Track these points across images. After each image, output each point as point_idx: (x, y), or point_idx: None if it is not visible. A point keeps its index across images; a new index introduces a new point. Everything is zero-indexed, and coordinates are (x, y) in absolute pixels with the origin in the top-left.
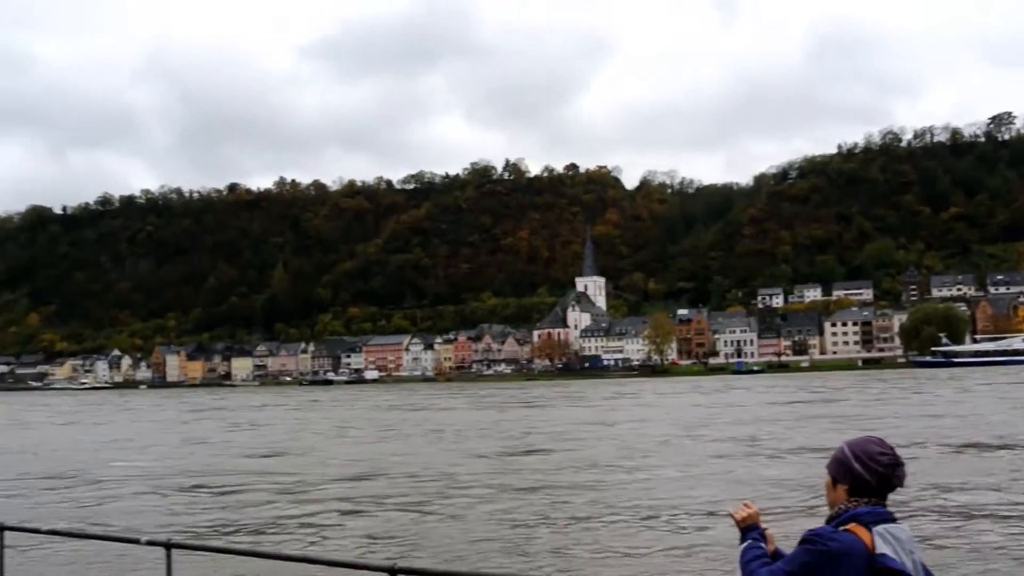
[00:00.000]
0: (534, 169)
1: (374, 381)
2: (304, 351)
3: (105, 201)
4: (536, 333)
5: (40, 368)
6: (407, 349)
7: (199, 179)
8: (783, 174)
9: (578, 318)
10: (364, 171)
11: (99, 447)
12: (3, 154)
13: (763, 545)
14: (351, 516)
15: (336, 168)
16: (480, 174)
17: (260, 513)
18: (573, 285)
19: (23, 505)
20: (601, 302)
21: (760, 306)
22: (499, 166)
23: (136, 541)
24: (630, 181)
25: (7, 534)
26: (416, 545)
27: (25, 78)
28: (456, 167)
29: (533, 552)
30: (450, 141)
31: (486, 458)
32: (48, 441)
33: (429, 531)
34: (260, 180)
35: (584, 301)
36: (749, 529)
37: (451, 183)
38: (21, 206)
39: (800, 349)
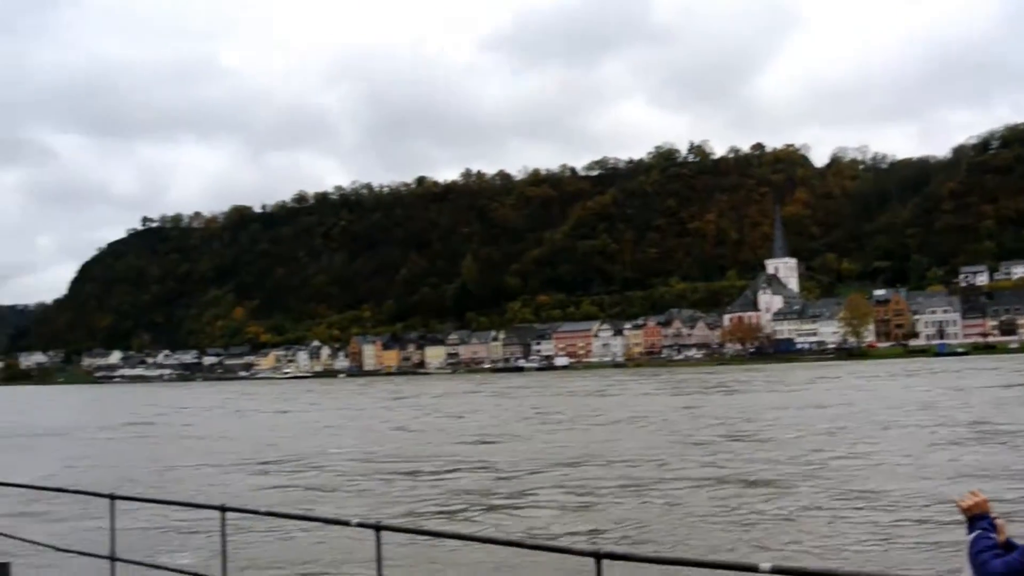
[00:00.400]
0: (719, 150)
1: (564, 368)
2: (495, 339)
3: (301, 199)
4: (726, 317)
5: (246, 359)
6: (596, 335)
7: (388, 174)
8: (984, 144)
9: (769, 301)
10: (548, 159)
11: (312, 433)
12: (209, 159)
13: (993, 535)
14: (560, 502)
15: (520, 158)
16: (664, 158)
17: (469, 498)
18: (763, 267)
19: (244, 487)
20: (793, 284)
21: (963, 284)
22: (683, 149)
23: (347, 523)
24: (819, 158)
25: (228, 514)
26: (625, 531)
27: (224, 87)
28: (639, 152)
29: (752, 539)
30: (632, 126)
31: (696, 444)
32: (265, 427)
33: (639, 517)
34: (447, 173)
35: (775, 283)
36: (977, 518)
37: (635, 168)
38: (225, 207)
39: (1008, 329)
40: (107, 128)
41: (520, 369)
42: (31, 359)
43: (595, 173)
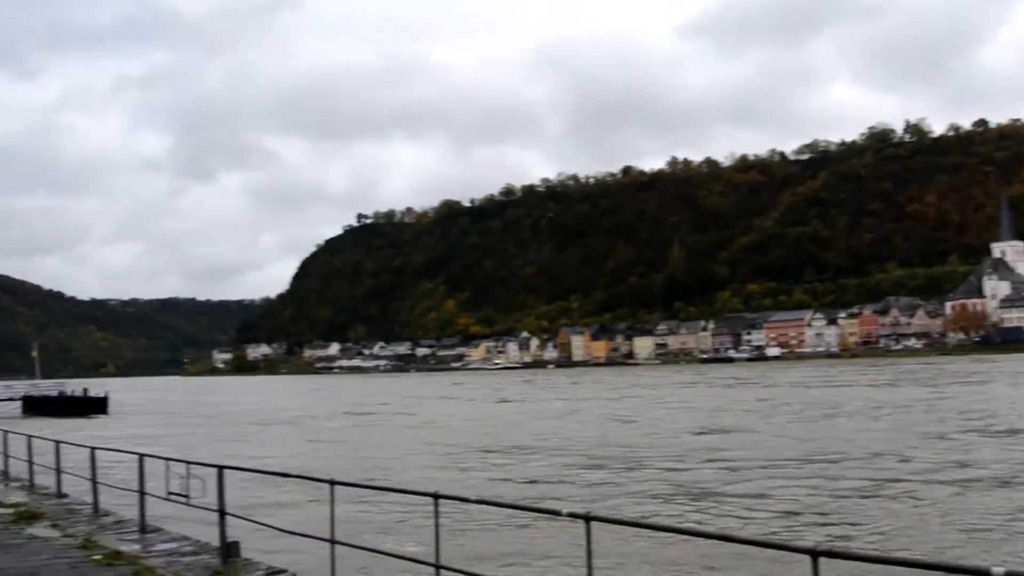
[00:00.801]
0: (937, 128)
1: (776, 358)
2: (704, 329)
3: (508, 192)
4: (948, 304)
5: (458, 350)
6: (809, 324)
7: (594, 164)
8: None
9: (996, 287)
10: (755, 144)
11: (531, 422)
12: (419, 156)
13: None
14: (784, 497)
15: (727, 144)
16: (878, 138)
17: (688, 490)
18: (988, 252)
19: (461, 476)
20: (1022, 269)
21: None
22: (898, 128)
23: (557, 513)
24: None
25: (442, 502)
26: (846, 530)
27: (433, 86)
28: (851, 133)
29: (989, 542)
30: (842, 107)
31: (941, 439)
32: (483, 416)
33: (869, 516)
34: (652, 161)
35: (1002, 268)
36: None
37: (847, 150)
38: (435, 202)
39: None
40: (324, 131)
41: (730, 360)
42: (257, 351)
43: (805, 157)
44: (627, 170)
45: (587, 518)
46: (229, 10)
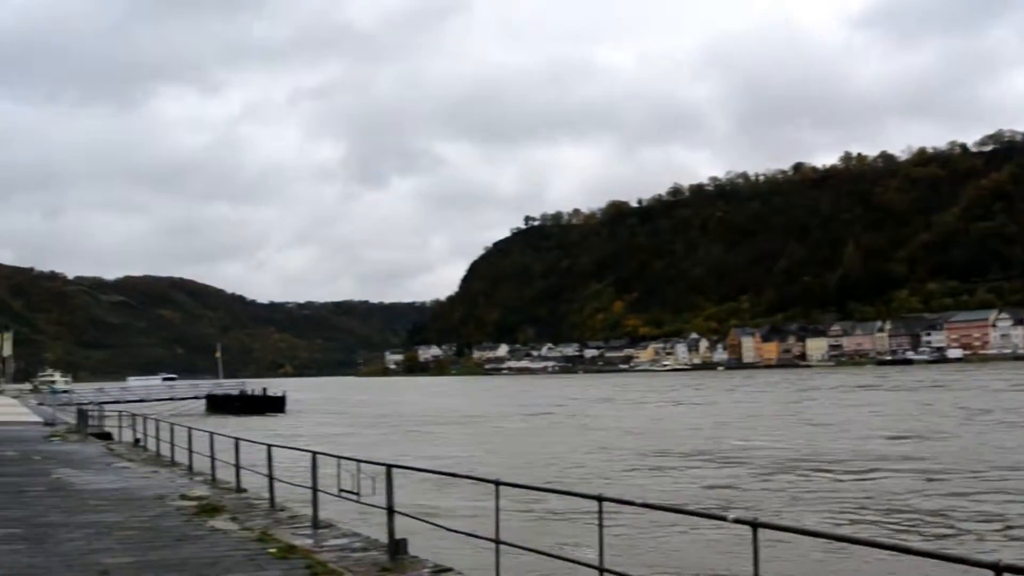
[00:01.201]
0: None
1: (958, 360)
2: (880, 329)
3: (676, 191)
4: None
5: (625, 351)
6: (994, 325)
7: (763, 161)
8: None
9: None
10: (933, 137)
11: (706, 425)
12: (585, 157)
13: None
14: (975, 508)
15: (902, 137)
16: None
17: (876, 499)
18: None
19: (628, 478)
20: None
21: None
22: None
23: (723, 518)
24: None
25: (606, 505)
26: None
27: (598, 87)
28: None
29: None
30: None
31: None
32: (657, 419)
33: None
34: (825, 157)
35: None
36: None
37: None
38: (602, 203)
39: None
40: (492, 134)
41: (909, 361)
42: (428, 352)
43: (988, 148)
44: (798, 167)
45: (754, 524)
46: (399, 19)
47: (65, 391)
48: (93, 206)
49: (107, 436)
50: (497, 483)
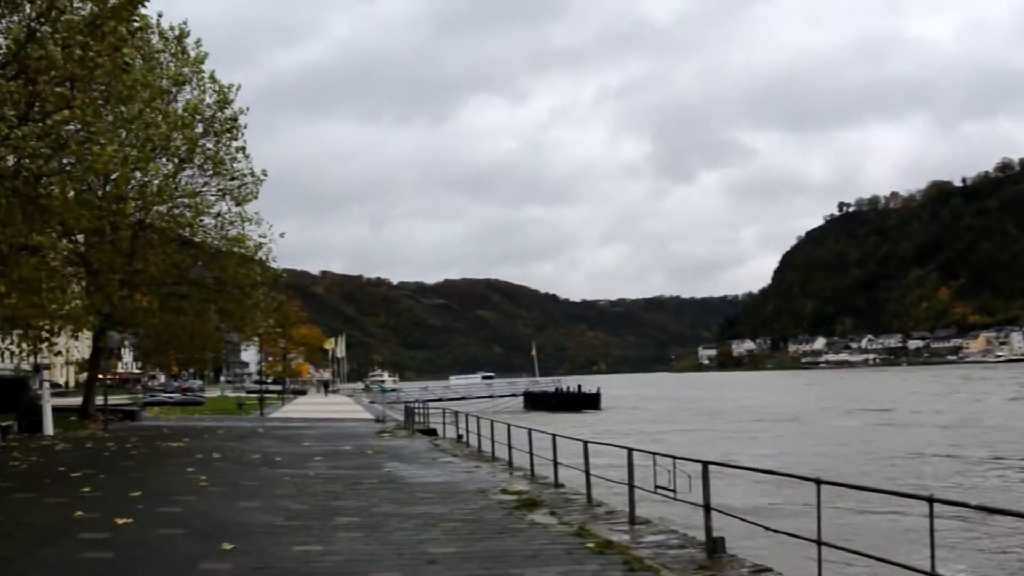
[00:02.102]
0: None
1: None
2: None
3: (1005, 167)
4: None
5: (953, 342)
6: None
7: None
8: None
9: None
10: None
11: None
12: (899, 136)
13: None
14: None
15: None
16: None
17: None
18: None
19: (970, 480)
20: None
21: None
22: None
23: None
24: None
25: (937, 507)
26: None
27: (908, 60)
28: None
29: None
30: None
31: None
32: (1007, 413)
33: None
34: None
35: None
36: None
37: None
38: (921, 183)
39: None
40: (798, 120)
41: None
42: (741, 346)
43: None
44: None
45: None
46: (696, 12)
47: (393, 390)
48: (413, 215)
49: (432, 432)
50: (819, 481)
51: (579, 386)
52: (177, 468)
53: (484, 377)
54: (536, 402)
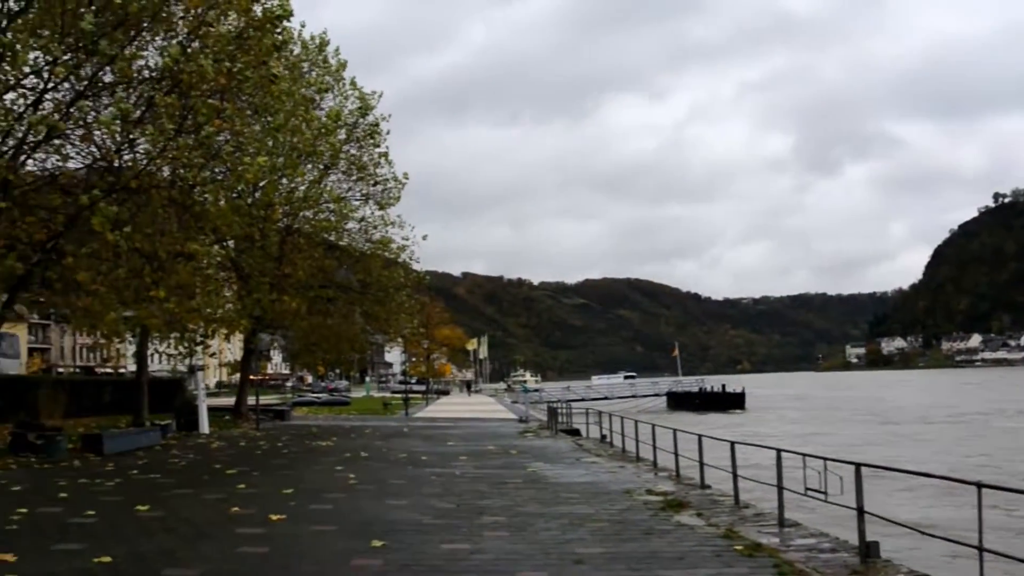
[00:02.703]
0: None
1: None
2: None
3: None
4: None
5: None
6: None
7: None
8: None
9: None
10: None
11: None
12: None
13: None
14: None
15: None
16: None
17: None
18: None
19: None
20: None
21: None
22: None
23: None
24: None
25: None
26: None
27: None
28: None
29: None
30: None
31: None
32: None
33: None
34: None
35: None
36: None
37: None
38: None
39: None
40: (949, 109)
41: None
42: (891, 344)
43: None
44: None
45: None
46: (840, 2)
47: (535, 390)
48: (553, 215)
49: (575, 432)
50: (979, 485)
51: (723, 386)
52: (327, 466)
53: (626, 377)
54: (679, 402)
